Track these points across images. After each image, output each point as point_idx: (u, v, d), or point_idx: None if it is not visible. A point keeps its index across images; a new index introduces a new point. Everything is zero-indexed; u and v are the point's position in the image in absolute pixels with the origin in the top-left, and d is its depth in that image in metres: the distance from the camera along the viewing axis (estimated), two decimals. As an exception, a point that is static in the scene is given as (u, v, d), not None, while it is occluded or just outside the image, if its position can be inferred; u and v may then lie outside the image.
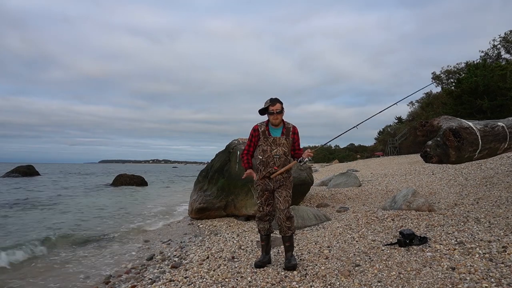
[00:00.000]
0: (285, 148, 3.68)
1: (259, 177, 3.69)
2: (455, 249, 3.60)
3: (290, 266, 3.56)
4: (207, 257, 4.45)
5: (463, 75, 24.21)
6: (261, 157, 3.68)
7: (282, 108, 3.70)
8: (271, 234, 3.89)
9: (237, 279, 3.46)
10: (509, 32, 27.52)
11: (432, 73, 35.23)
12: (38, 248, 5.81)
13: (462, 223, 4.58)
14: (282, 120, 3.73)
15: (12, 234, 7.00)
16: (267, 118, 3.75)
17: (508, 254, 3.31)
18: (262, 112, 3.71)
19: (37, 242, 6.11)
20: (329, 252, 4.07)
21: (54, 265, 4.92)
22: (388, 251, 3.85)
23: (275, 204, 3.68)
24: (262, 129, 3.70)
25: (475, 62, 24.16)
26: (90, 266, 4.85)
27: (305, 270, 3.52)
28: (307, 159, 3.62)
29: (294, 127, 3.78)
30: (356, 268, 3.44)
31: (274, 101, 3.66)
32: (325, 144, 3.77)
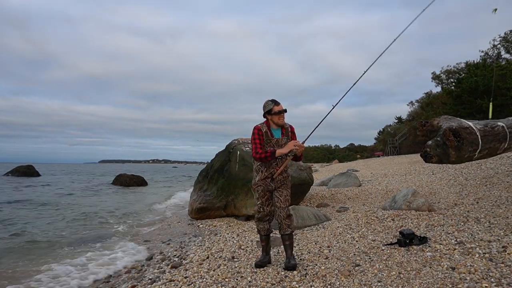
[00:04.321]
0: None
1: (261, 177, 3.70)
2: (455, 249, 3.61)
3: (290, 266, 3.56)
4: (207, 257, 4.45)
5: (463, 75, 24.23)
6: None
7: None
8: (271, 234, 3.90)
9: (237, 279, 3.47)
10: (509, 32, 27.53)
11: (432, 73, 35.29)
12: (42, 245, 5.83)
13: (462, 223, 4.58)
14: None
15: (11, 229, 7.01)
16: (264, 120, 3.76)
17: (508, 254, 3.31)
18: (267, 113, 3.70)
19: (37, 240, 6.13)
20: (329, 252, 4.07)
21: (52, 264, 4.92)
22: (388, 251, 3.85)
23: (274, 203, 3.70)
24: (264, 130, 3.70)
25: (475, 62, 24.18)
26: (90, 265, 4.85)
27: (305, 270, 3.53)
28: (294, 149, 3.57)
29: (291, 126, 3.82)
30: (356, 268, 3.44)
31: (276, 101, 3.67)
32: (311, 132, 3.75)
